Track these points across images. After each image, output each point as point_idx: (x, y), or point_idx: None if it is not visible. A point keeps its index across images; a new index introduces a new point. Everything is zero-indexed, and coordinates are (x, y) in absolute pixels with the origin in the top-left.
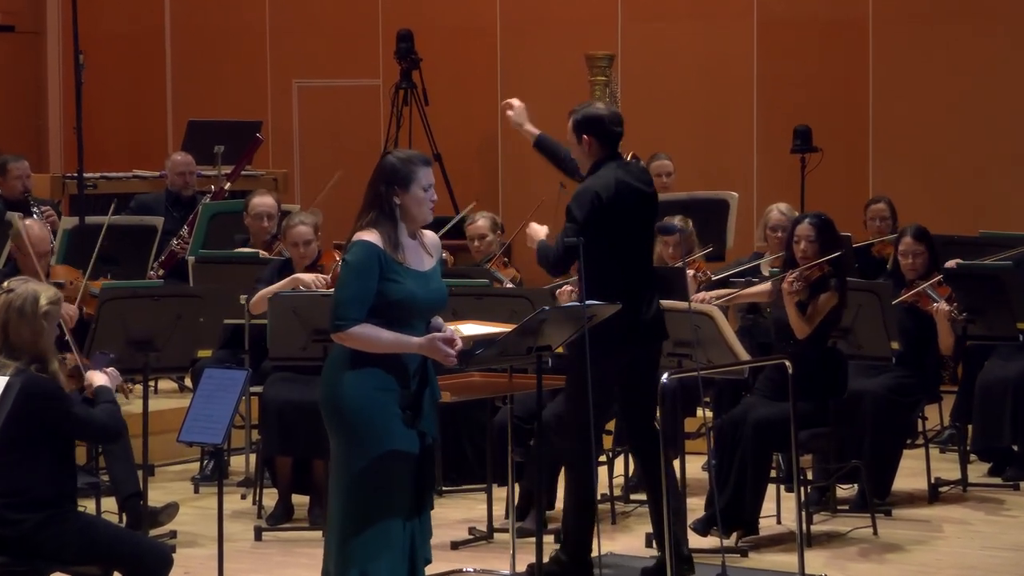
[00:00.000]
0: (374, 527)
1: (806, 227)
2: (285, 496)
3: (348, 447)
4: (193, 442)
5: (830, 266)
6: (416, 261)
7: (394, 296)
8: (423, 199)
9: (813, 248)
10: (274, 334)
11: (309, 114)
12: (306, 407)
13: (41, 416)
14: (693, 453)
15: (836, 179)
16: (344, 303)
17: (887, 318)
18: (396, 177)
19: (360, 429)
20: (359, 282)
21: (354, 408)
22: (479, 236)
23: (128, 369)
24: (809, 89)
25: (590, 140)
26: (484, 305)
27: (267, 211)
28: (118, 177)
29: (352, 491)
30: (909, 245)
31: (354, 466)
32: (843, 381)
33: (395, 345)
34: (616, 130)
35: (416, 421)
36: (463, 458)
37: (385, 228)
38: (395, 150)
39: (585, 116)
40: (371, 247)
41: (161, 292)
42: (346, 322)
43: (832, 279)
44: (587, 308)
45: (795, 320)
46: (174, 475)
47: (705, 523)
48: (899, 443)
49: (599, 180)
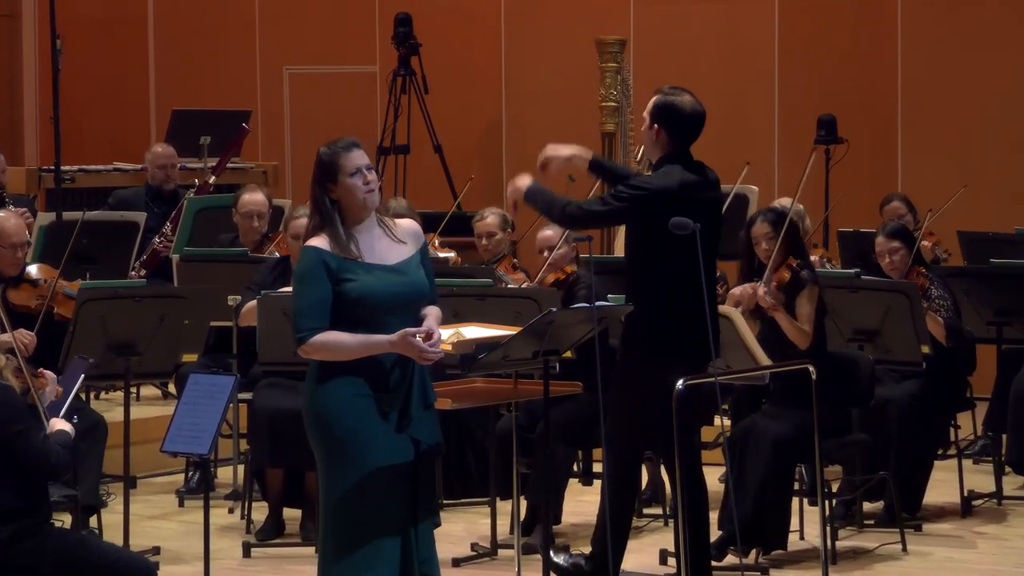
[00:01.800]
0: (362, 546)
1: (760, 226)
2: (275, 510)
3: (328, 463)
4: (178, 453)
5: (795, 259)
6: (379, 254)
7: (351, 295)
8: (354, 186)
9: (773, 244)
10: (264, 337)
11: (301, 103)
12: (298, 415)
13: (2, 428)
14: (710, 464)
15: (862, 172)
16: (300, 314)
17: (917, 320)
18: (323, 173)
19: (339, 443)
20: (309, 290)
21: (331, 420)
22: (487, 234)
23: (108, 375)
24: (834, 75)
25: (659, 131)
26: (487, 306)
27: (257, 209)
28: (97, 170)
29: (336, 509)
30: (883, 245)
31: (335, 484)
32: (869, 387)
33: (363, 347)
34: (692, 129)
35: (405, 426)
36: (465, 470)
37: (328, 229)
38: (325, 144)
39: (664, 103)
40: (314, 252)
41: (143, 292)
42: (305, 333)
43: (802, 271)
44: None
45: (792, 331)
46: (157, 488)
47: (720, 545)
48: (929, 453)
49: (662, 177)
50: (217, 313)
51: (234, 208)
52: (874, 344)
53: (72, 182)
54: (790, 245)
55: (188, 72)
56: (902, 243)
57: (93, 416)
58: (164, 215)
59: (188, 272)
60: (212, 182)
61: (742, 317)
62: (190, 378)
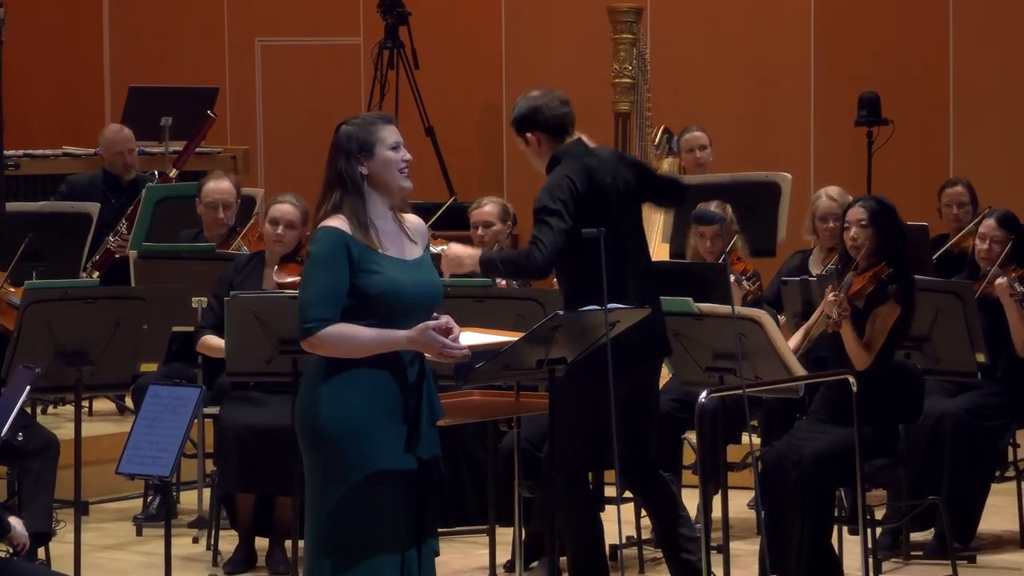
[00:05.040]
0: (360, 567)
1: (857, 210)
2: (246, 539)
3: (325, 475)
4: (135, 475)
5: (889, 267)
6: (397, 249)
7: (374, 289)
8: (393, 160)
9: (865, 234)
10: (233, 344)
11: (275, 79)
12: (271, 433)
13: None
14: (737, 488)
15: (909, 158)
16: (310, 303)
17: (971, 325)
18: (356, 144)
19: (341, 453)
20: (325, 275)
21: (334, 427)
22: (484, 223)
23: (57, 386)
24: (878, 50)
25: (537, 136)
26: (486, 309)
27: (223, 199)
28: (45, 155)
29: (332, 528)
30: (991, 228)
31: (333, 498)
32: (917, 402)
33: (378, 343)
34: (561, 111)
35: (414, 446)
36: (462, 494)
37: (352, 209)
38: (349, 119)
39: (518, 115)
40: (336, 233)
41: (96, 294)
42: (314, 324)
43: (891, 284)
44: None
45: (853, 348)
46: (112, 514)
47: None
48: (985, 476)
49: (565, 168)
50: (179, 317)
51: (197, 198)
52: (923, 352)
53: (16, 169)
54: (886, 240)
55: (147, 44)
56: (1009, 235)
57: (44, 434)
58: (122, 207)
59: (147, 270)
60: (173, 175)
61: (773, 322)
62: (149, 390)
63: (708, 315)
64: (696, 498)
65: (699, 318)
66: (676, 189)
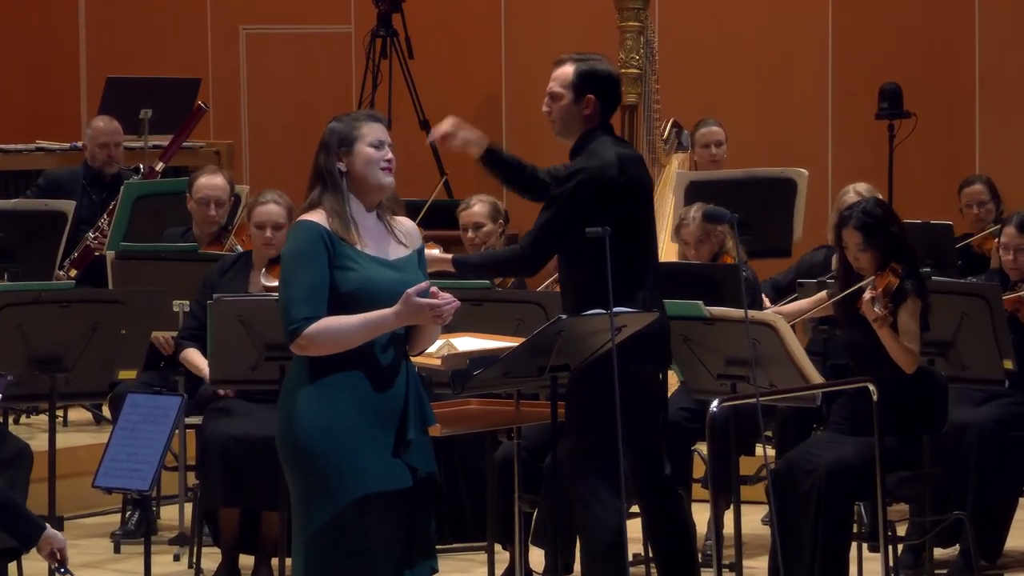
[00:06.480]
0: None
1: (851, 233)
2: (230, 557)
3: (308, 490)
4: (113, 488)
5: (899, 264)
6: (378, 247)
7: (347, 286)
8: (373, 157)
9: (867, 258)
10: (216, 350)
11: (261, 70)
12: (257, 445)
13: None
14: (750, 502)
15: (933, 153)
16: (293, 302)
17: (998, 329)
18: (337, 140)
19: (323, 464)
20: (306, 272)
21: (315, 434)
22: (474, 224)
23: (30, 395)
24: (900, 38)
25: (593, 101)
26: (484, 313)
27: (216, 195)
28: (17, 150)
29: (318, 550)
30: (1012, 237)
31: (317, 515)
32: (941, 411)
33: (367, 327)
34: (620, 98)
35: (402, 451)
36: (459, 509)
37: (330, 204)
38: (339, 115)
39: (592, 71)
40: (312, 227)
41: (72, 296)
42: (300, 323)
43: (907, 280)
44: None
45: (897, 352)
46: (89, 530)
47: None
48: (1013, 489)
49: (599, 157)
50: (160, 322)
51: (188, 193)
52: (947, 358)
53: None
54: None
55: (125, 32)
56: None
57: (16, 444)
58: (103, 204)
59: (125, 272)
60: (159, 169)
61: (788, 327)
62: (128, 399)
63: (719, 319)
64: (707, 513)
65: (710, 323)
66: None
